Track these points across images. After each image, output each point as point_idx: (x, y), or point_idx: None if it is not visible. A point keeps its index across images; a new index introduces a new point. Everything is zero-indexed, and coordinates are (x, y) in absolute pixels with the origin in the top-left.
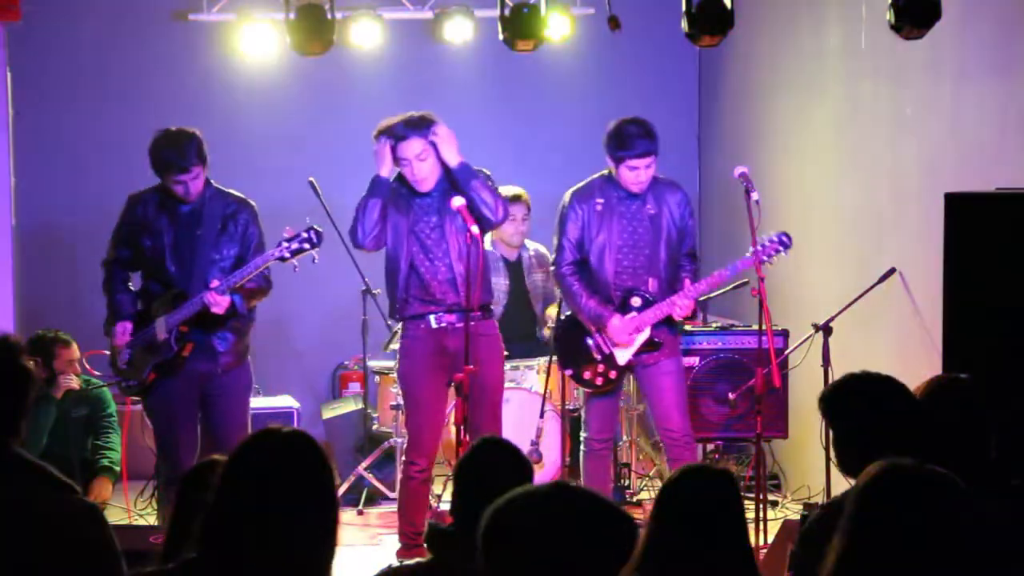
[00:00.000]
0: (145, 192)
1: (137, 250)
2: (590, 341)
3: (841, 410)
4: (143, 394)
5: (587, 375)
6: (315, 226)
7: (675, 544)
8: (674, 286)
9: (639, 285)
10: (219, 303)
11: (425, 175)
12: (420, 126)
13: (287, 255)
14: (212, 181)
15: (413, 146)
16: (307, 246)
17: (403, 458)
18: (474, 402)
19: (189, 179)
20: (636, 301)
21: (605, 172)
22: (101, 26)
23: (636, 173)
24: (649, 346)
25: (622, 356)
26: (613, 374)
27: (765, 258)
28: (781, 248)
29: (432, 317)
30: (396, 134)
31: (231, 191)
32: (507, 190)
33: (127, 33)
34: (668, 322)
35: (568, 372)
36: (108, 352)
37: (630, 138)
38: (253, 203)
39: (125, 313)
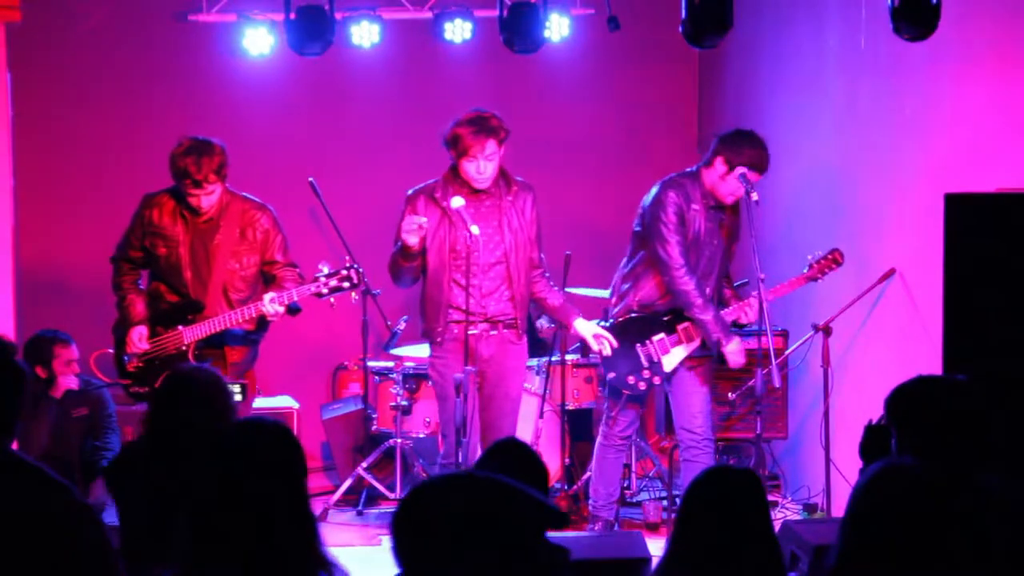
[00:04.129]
0: (160, 195)
1: (150, 254)
2: (640, 348)
3: (907, 414)
4: (137, 399)
5: (631, 379)
6: (355, 265)
7: (703, 543)
8: (721, 299)
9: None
10: (277, 312)
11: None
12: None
13: (324, 291)
14: (228, 188)
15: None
16: (346, 285)
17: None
18: (495, 409)
19: (203, 194)
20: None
21: (692, 170)
22: (100, 26)
23: (746, 186)
24: (699, 351)
25: (669, 363)
26: (657, 380)
27: (819, 275)
28: (835, 265)
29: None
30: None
31: (247, 196)
32: None
33: (127, 33)
34: None
35: (611, 375)
36: (113, 351)
37: (766, 155)
38: (271, 208)
39: (139, 317)
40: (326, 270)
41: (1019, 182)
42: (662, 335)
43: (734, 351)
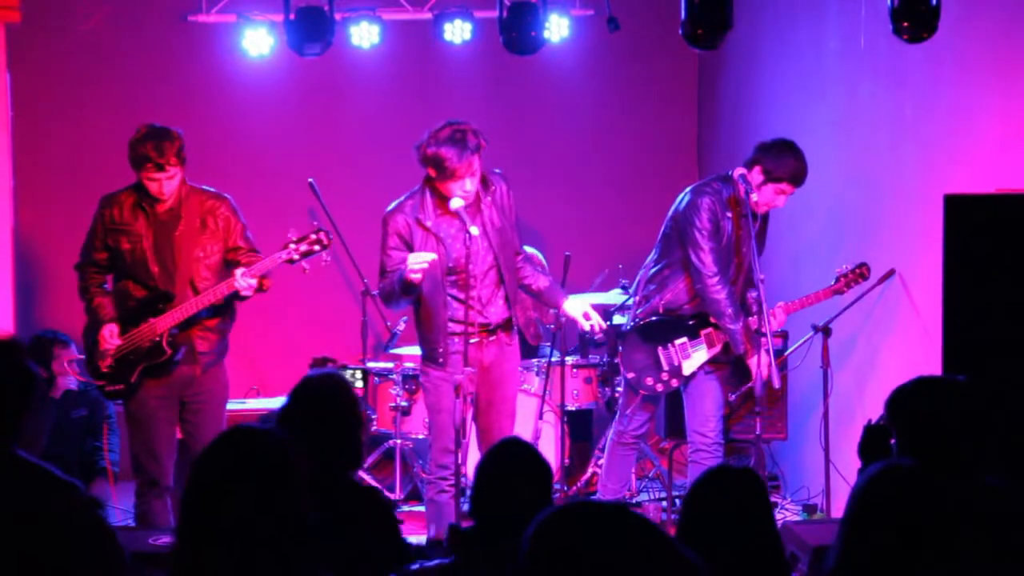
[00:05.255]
0: (118, 194)
1: (114, 253)
2: (661, 351)
3: (907, 415)
4: (125, 397)
5: (649, 381)
6: (322, 229)
7: (706, 543)
8: (744, 304)
9: None
10: (250, 286)
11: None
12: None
13: (296, 257)
14: (186, 180)
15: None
16: (317, 247)
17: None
18: (495, 412)
19: (164, 178)
20: None
21: (725, 175)
22: (100, 26)
23: (784, 199)
24: (714, 359)
25: (689, 367)
26: (675, 383)
27: (846, 289)
28: (861, 279)
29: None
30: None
31: (205, 187)
32: None
33: (127, 33)
34: None
35: (629, 375)
36: (85, 356)
37: (805, 168)
38: (228, 196)
39: (109, 316)
40: (295, 237)
41: (1019, 182)
42: (684, 339)
43: (755, 364)
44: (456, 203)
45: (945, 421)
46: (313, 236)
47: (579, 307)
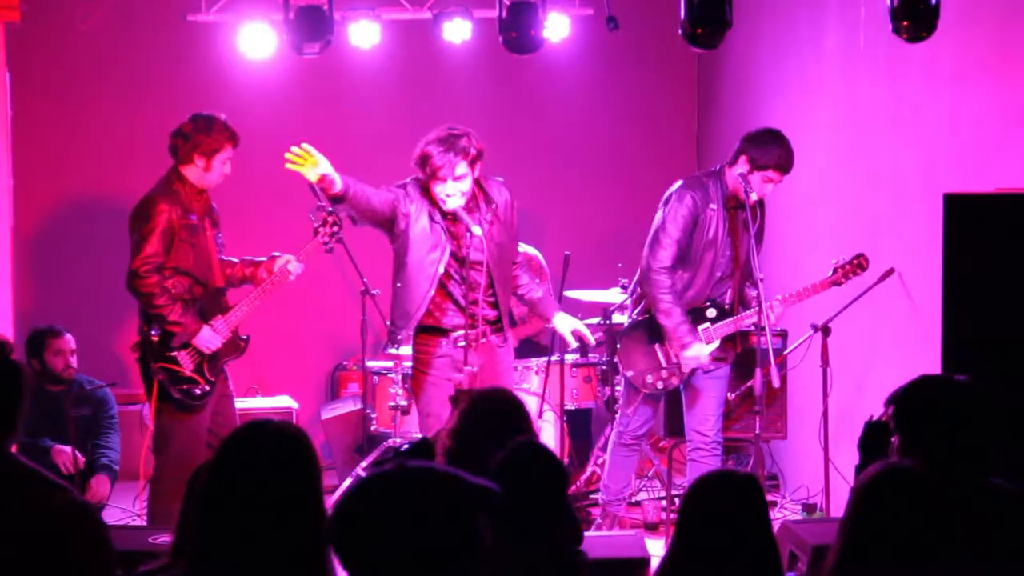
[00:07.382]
0: (164, 198)
1: (177, 251)
2: (659, 348)
3: (913, 415)
4: (210, 397)
5: (649, 378)
6: (329, 212)
7: (702, 547)
8: (743, 300)
9: (719, 295)
10: (297, 272)
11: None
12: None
13: (327, 239)
14: None
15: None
16: (336, 228)
17: None
18: None
19: (231, 158)
20: (712, 312)
21: (714, 169)
22: (100, 26)
23: (770, 186)
24: (715, 359)
25: (687, 364)
26: (675, 380)
27: (843, 280)
28: (860, 271)
29: (456, 333)
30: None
31: None
32: None
33: (126, 33)
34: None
35: (628, 373)
36: (163, 365)
37: (790, 156)
38: None
39: (199, 319)
40: (317, 223)
41: (1019, 182)
42: None
43: (690, 360)
44: (455, 202)
45: (951, 420)
46: (330, 219)
47: (568, 324)
